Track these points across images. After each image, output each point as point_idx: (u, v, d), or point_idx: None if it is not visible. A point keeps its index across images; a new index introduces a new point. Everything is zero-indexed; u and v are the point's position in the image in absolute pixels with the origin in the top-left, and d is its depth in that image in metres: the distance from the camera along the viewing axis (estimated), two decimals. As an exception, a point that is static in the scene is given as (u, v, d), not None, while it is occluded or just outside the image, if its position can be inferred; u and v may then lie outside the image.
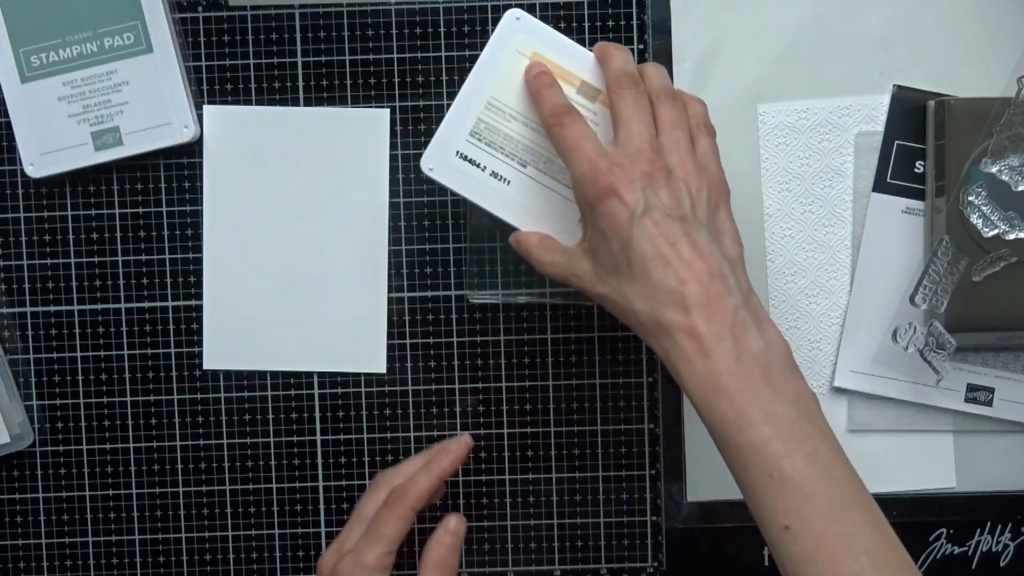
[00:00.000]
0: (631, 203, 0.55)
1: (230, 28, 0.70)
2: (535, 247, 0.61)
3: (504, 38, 0.62)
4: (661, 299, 0.54)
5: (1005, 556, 0.70)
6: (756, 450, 0.52)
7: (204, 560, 0.71)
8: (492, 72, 0.62)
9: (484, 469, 0.71)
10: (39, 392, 0.71)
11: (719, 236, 0.57)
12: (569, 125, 0.58)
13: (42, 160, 0.69)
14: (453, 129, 0.62)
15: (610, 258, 0.56)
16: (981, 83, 0.69)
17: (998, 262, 0.65)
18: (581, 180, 0.56)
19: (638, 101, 0.58)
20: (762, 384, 0.53)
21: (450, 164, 0.62)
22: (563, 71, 0.62)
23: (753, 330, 0.54)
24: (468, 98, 0.62)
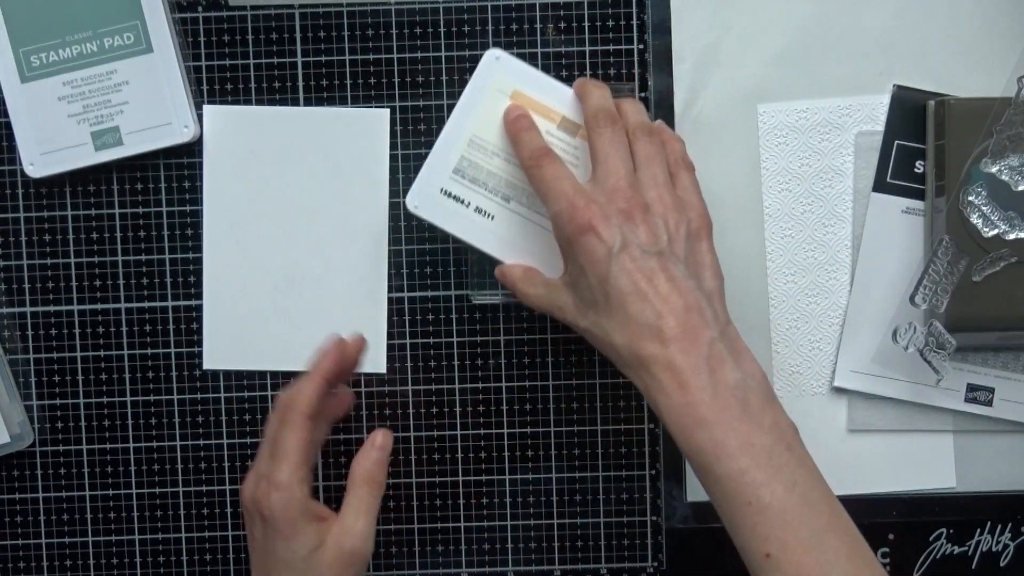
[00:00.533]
0: (608, 239, 0.56)
1: (230, 28, 0.70)
2: (519, 280, 0.62)
3: (485, 77, 0.63)
4: (639, 333, 0.55)
5: (1005, 556, 0.70)
6: (734, 479, 0.53)
7: (204, 560, 0.71)
8: (474, 111, 0.63)
9: (484, 469, 0.71)
10: (39, 392, 0.71)
11: (698, 270, 0.58)
12: (547, 166, 0.59)
13: (42, 160, 0.69)
14: (437, 167, 0.64)
15: (589, 293, 0.57)
16: (981, 83, 0.69)
17: (998, 262, 0.65)
18: (559, 217, 0.58)
19: (615, 138, 0.59)
20: (739, 415, 0.54)
21: (435, 201, 0.64)
22: (543, 107, 0.63)
23: (729, 362, 0.55)
24: (451, 136, 0.63)
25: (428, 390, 0.71)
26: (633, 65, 0.69)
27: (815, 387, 0.70)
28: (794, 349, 0.70)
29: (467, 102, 0.63)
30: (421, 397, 0.71)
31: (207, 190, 0.70)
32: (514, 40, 0.69)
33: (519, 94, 0.63)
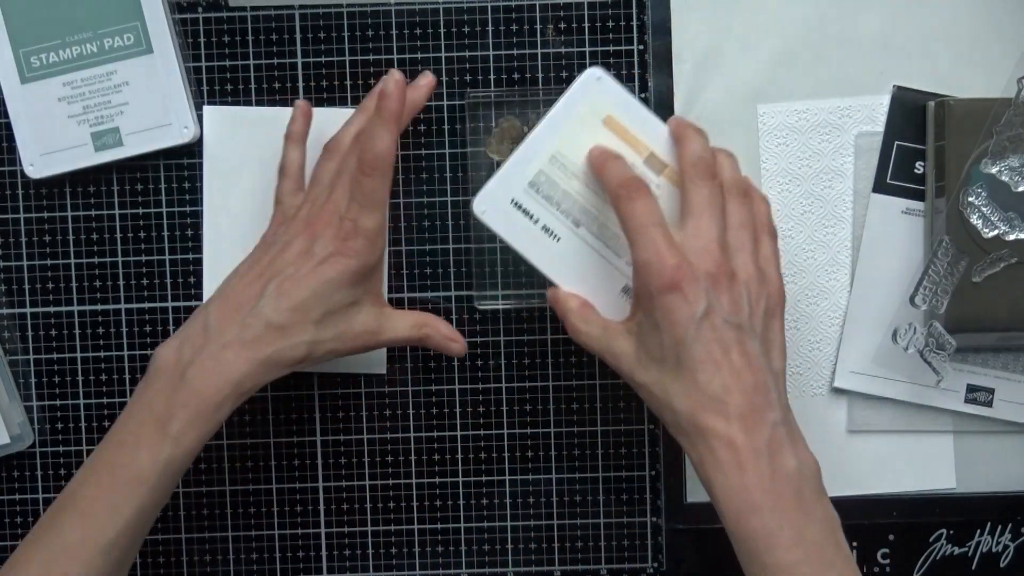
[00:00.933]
0: (694, 303, 0.54)
1: (230, 28, 0.70)
2: (573, 313, 0.60)
3: (581, 95, 0.61)
4: (704, 403, 0.54)
5: (1005, 557, 0.71)
6: (784, 571, 0.53)
7: (204, 560, 0.71)
8: (562, 127, 0.61)
9: (484, 470, 0.71)
10: (39, 392, 0.71)
11: (769, 347, 0.57)
12: (639, 201, 0.57)
13: (42, 161, 0.69)
14: (512, 176, 0.61)
15: (658, 350, 0.56)
16: (981, 83, 0.69)
17: (998, 263, 0.65)
18: (646, 267, 0.55)
19: (713, 195, 0.57)
20: (794, 505, 0.53)
21: (503, 210, 0.61)
22: (634, 139, 0.61)
23: (788, 448, 0.54)
24: (533, 148, 0.61)
25: (428, 391, 0.71)
26: (633, 66, 0.69)
27: (815, 387, 0.70)
28: (794, 350, 0.70)
29: (556, 117, 0.61)
30: (421, 398, 0.71)
31: (207, 190, 0.70)
32: (514, 40, 0.69)
33: (612, 120, 0.61)
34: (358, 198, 0.60)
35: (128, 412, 0.59)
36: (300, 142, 0.66)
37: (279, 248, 0.61)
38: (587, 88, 0.61)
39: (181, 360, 0.58)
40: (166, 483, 0.58)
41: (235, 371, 0.58)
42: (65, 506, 0.58)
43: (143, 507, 0.57)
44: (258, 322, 0.59)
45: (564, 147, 0.61)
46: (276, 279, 0.60)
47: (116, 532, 0.57)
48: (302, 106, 0.66)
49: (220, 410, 0.58)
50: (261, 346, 0.59)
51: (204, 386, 0.58)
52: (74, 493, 0.58)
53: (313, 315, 0.59)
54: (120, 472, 0.57)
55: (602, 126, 0.61)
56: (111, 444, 0.59)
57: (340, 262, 0.60)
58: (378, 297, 0.63)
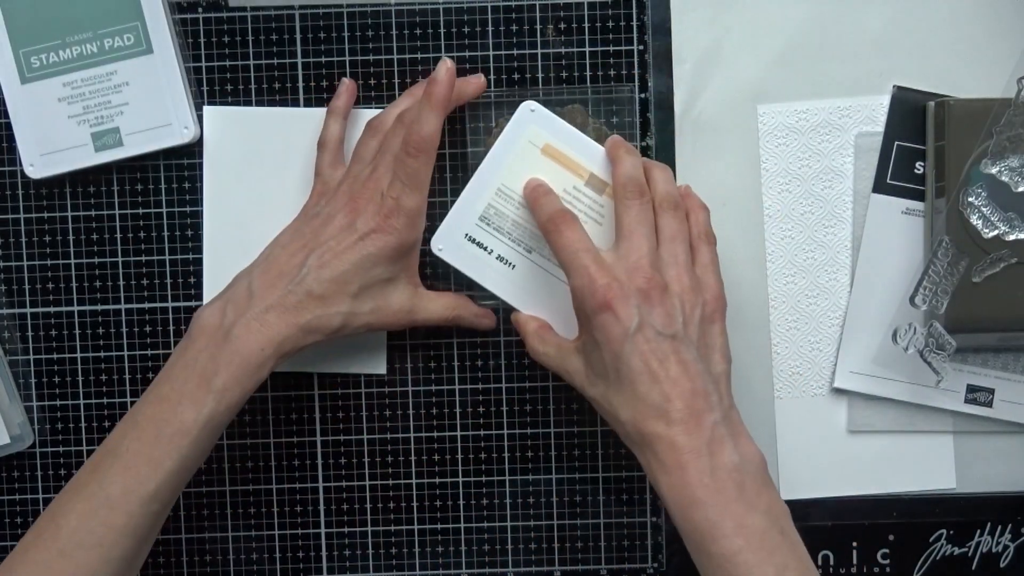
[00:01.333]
0: (625, 320, 0.57)
1: (230, 28, 0.70)
2: (531, 335, 0.64)
3: (518, 129, 0.64)
4: (645, 412, 0.57)
5: (1005, 557, 0.71)
6: (728, 559, 0.55)
7: (204, 560, 0.71)
8: (504, 161, 0.64)
9: (484, 470, 0.71)
10: (39, 392, 0.71)
11: (708, 352, 0.60)
12: (565, 231, 0.60)
13: (42, 161, 0.69)
14: (463, 213, 0.65)
15: (601, 366, 0.59)
16: (981, 83, 0.69)
17: (998, 263, 0.65)
18: (579, 291, 0.59)
19: (642, 212, 0.60)
20: (735, 496, 0.56)
21: (458, 245, 0.65)
22: (573, 163, 0.64)
23: (729, 445, 0.57)
24: (480, 184, 0.64)
25: (428, 391, 0.71)
26: (633, 66, 0.69)
27: (815, 388, 0.70)
28: (794, 350, 0.70)
29: (499, 152, 0.64)
30: (421, 398, 0.71)
31: (207, 190, 0.70)
32: (514, 40, 0.69)
33: (550, 147, 0.64)
34: (401, 177, 0.62)
35: (169, 369, 0.61)
36: (341, 116, 0.68)
37: (321, 220, 0.63)
38: (522, 121, 0.64)
39: (225, 321, 0.61)
40: (207, 437, 0.60)
41: (278, 333, 0.61)
42: (106, 459, 0.60)
43: (184, 460, 0.60)
44: (300, 290, 0.61)
45: (508, 179, 0.64)
46: (318, 251, 0.62)
47: (157, 485, 0.59)
48: (348, 83, 0.68)
49: (262, 369, 0.61)
50: (302, 312, 0.61)
51: (249, 344, 0.60)
52: (116, 447, 0.60)
53: (351, 288, 0.62)
54: (163, 426, 0.59)
55: (541, 155, 0.64)
56: (152, 399, 0.60)
57: (380, 239, 0.62)
58: (414, 276, 0.65)
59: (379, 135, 0.65)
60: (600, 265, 0.58)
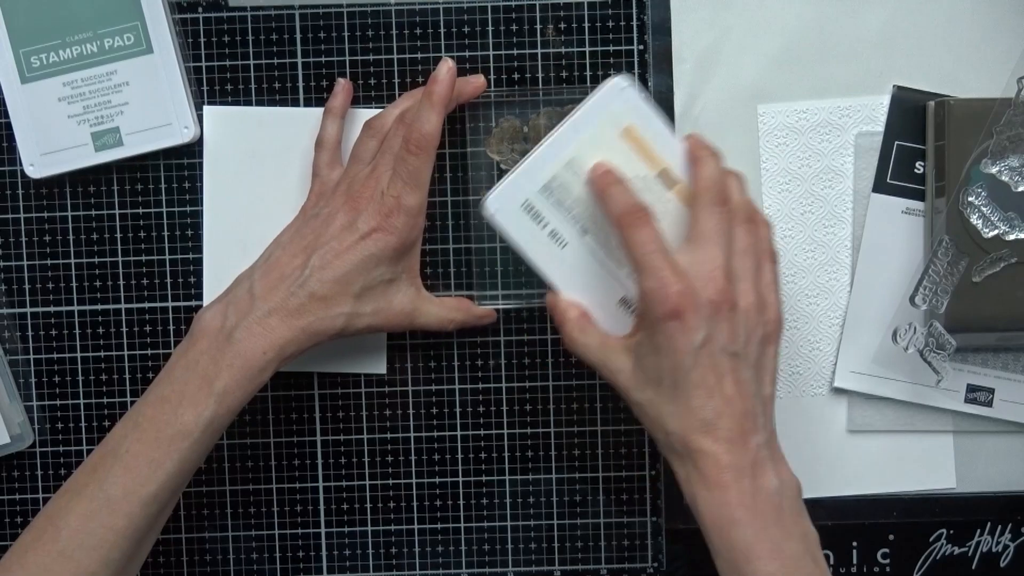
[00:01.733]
0: (693, 331, 0.56)
1: (230, 28, 0.70)
2: (571, 323, 0.61)
3: (604, 104, 0.60)
4: (695, 426, 0.56)
5: (1005, 557, 0.71)
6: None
7: (204, 560, 0.71)
8: (581, 134, 0.60)
9: (484, 469, 0.71)
10: (39, 392, 0.71)
11: (761, 374, 0.58)
12: (643, 229, 0.57)
13: (42, 160, 0.69)
14: (526, 179, 0.61)
15: (655, 373, 0.57)
16: (981, 83, 0.69)
17: (998, 262, 0.65)
18: (650, 294, 0.56)
19: (723, 221, 0.58)
20: (774, 520, 0.55)
21: (513, 212, 0.61)
22: (650, 153, 0.60)
23: (770, 469, 0.56)
24: (550, 153, 0.61)
25: (428, 390, 0.71)
26: (633, 66, 0.69)
27: (815, 387, 0.70)
28: (794, 349, 0.70)
29: (577, 123, 0.60)
30: (421, 397, 0.71)
31: (207, 190, 0.70)
32: (514, 40, 0.69)
33: (632, 131, 0.60)
34: (402, 175, 0.62)
35: (169, 371, 0.61)
36: (338, 117, 0.68)
37: (321, 221, 0.63)
38: (611, 97, 0.60)
39: (226, 324, 0.61)
40: (208, 440, 0.60)
41: (280, 336, 0.61)
42: (106, 460, 0.59)
43: (184, 462, 0.60)
44: (302, 292, 0.61)
45: (582, 153, 0.60)
46: (319, 251, 0.62)
47: (157, 486, 0.59)
48: (344, 83, 0.68)
49: (264, 372, 0.61)
50: (304, 314, 0.61)
51: (251, 348, 0.60)
52: (116, 448, 0.60)
53: (353, 289, 0.62)
54: (163, 428, 0.59)
55: (621, 137, 0.60)
56: (153, 400, 0.60)
57: (382, 238, 0.62)
58: (415, 277, 0.65)
59: (377, 135, 0.65)
60: (675, 270, 0.56)
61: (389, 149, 0.64)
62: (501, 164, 0.69)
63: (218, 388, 0.60)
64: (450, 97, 0.63)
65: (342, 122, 0.68)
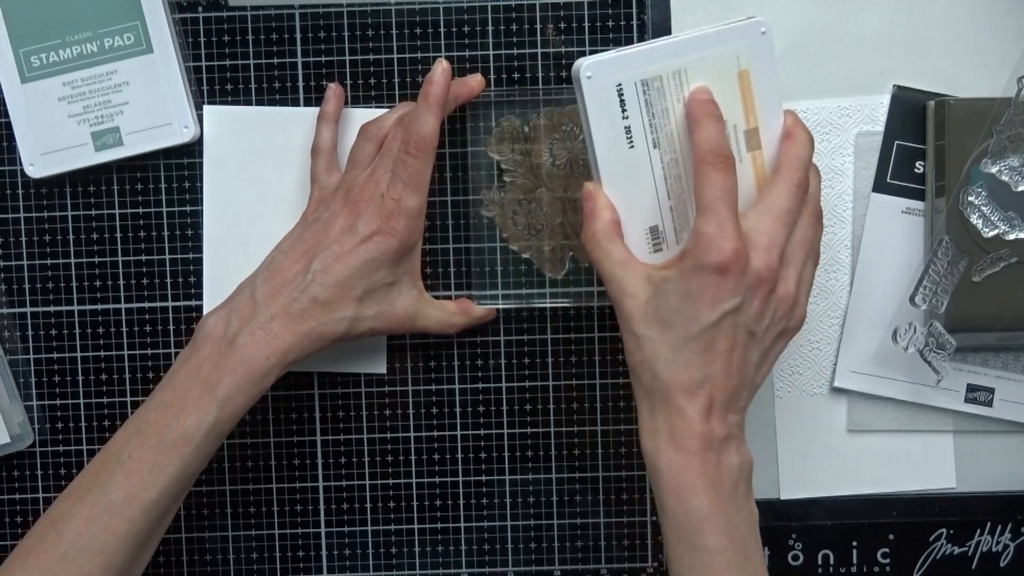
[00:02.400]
0: (731, 294, 0.55)
1: (230, 28, 0.70)
2: (602, 223, 0.58)
3: (737, 35, 0.58)
4: (685, 383, 0.56)
5: (1005, 556, 0.71)
6: (712, 555, 0.56)
7: (204, 560, 0.71)
8: (702, 51, 0.58)
9: (484, 469, 0.71)
10: (39, 392, 0.71)
11: (763, 363, 0.58)
12: (724, 174, 0.56)
13: (42, 160, 0.69)
14: (632, 64, 0.57)
15: (672, 314, 0.56)
16: (981, 83, 0.69)
17: (998, 262, 0.65)
18: (706, 238, 0.55)
19: (796, 205, 0.57)
20: (729, 495, 0.56)
21: (604, 87, 0.57)
22: (752, 107, 0.59)
23: (735, 446, 0.57)
24: (665, 52, 0.58)
25: (428, 390, 0.71)
26: (633, 65, 0.69)
27: (815, 387, 0.70)
28: (794, 349, 0.70)
29: (703, 40, 0.58)
30: (421, 397, 0.71)
31: (207, 190, 0.70)
32: (514, 40, 0.69)
33: (747, 76, 0.58)
34: (402, 177, 0.62)
35: (172, 376, 0.61)
36: (332, 122, 0.68)
37: (322, 225, 0.63)
38: (747, 32, 0.58)
39: (229, 329, 0.61)
40: (210, 445, 0.60)
41: (283, 342, 0.61)
42: (108, 464, 0.60)
43: (186, 467, 0.60)
44: (305, 297, 0.62)
45: (692, 69, 0.58)
46: (320, 256, 0.62)
47: (159, 491, 0.59)
48: (335, 88, 0.68)
49: (267, 378, 0.61)
50: (307, 319, 0.61)
51: (253, 354, 0.60)
52: (119, 452, 0.60)
53: (355, 292, 0.62)
54: (166, 433, 0.60)
55: (735, 75, 0.59)
56: (156, 405, 0.61)
57: (383, 241, 0.62)
58: (417, 280, 0.65)
59: (373, 139, 0.66)
60: (737, 227, 0.55)
61: (388, 152, 0.64)
62: (501, 164, 0.69)
63: (220, 394, 0.60)
64: (446, 97, 0.63)
65: (336, 127, 0.68)
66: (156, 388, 0.61)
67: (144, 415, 0.61)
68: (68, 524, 0.59)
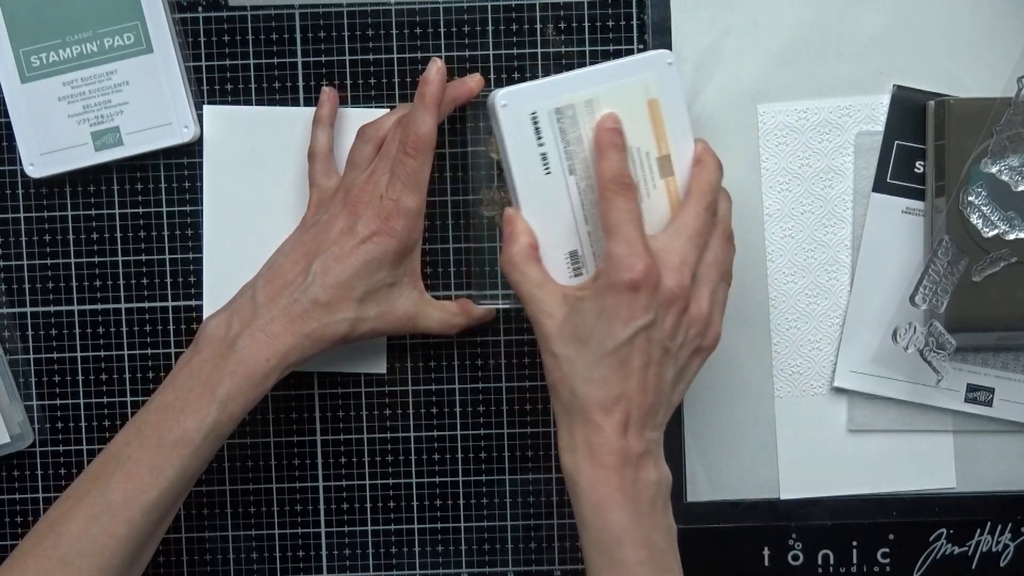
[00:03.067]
0: (643, 311, 0.56)
1: (230, 28, 0.70)
2: (520, 246, 0.60)
3: (642, 67, 0.61)
4: (602, 400, 0.57)
5: (1005, 556, 0.71)
6: (629, 567, 0.56)
7: (204, 560, 0.71)
8: (611, 81, 0.60)
9: (484, 469, 0.71)
10: (39, 392, 0.71)
11: (679, 380, 0.60)
12: (625, 199, 0.58)
13: (42, 160, 0.69)
14: (545, 93, 0.60)
15: (588, 333, 0.57)
16: (981, 83, 0.69)
17: (998, 262, 0.65)
18: (616, 258, 0.56)
19: (706, 227, 0.59)
20: (647, 511, 0.57)
21: (519, 116, 0.60)
22: (663, 134, 0.61)
23: (652, 462, 0.58)
24: (576, 83, 0.60)
25: (428, 390, 0.71)
26: (633, 65, 0.69)
27: (815, 387, 0.70)
28: (794, 349, 0.70)
29: (612, 71, 0.60)
30: (421, 397, 0.71)
31: (207, 190, 0.70)
32: (514, 40, 0.69)
33: (655, 105, 0.61)
34: (400, 177, 0.62)
35: (173, 378, 0.61)
36: (327, 125, 0.68)
37: (321, 227, 0.63)
38: (653, 63, 0.61)
39: (230, 332, 0.61)
40: (209, 447, 0.61)
41: (283, 343, 0.61)
42: (108, 466, 0.60)
43: (186, 469, 0.60)
44: (305, 298, 0.62)
45: (603, 99, 0.60)
46: (320, 257, 0.62)
47: (159, 493, 0.59)
48: (329, 92, 0.68)
49: (267, 380, 0.61)
50: (307, 321, 0.62)
51: (254, 355, 0.61)
52: (118, 454, 0.60)
53: (356, 293, 0.62)
54: (165, 434, 0.60)
55: (644, 104, 0.61)
56: (156, 407, 0.61)
57: (382, 242, 0.62)
58: (417, 280, 0.65)
59: (371, 141, 0.66)
60: (647, 246, 0.57)
61: (387, 153, 0.64)
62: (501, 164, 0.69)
63: (220, 395, 0.60)
64: (442, 96, 0.63)
65: (332, 130, 0.68)
66: (157, 390, 0.62)
67: (144, 417, 0.61)
68: (67, 525, 0.59)
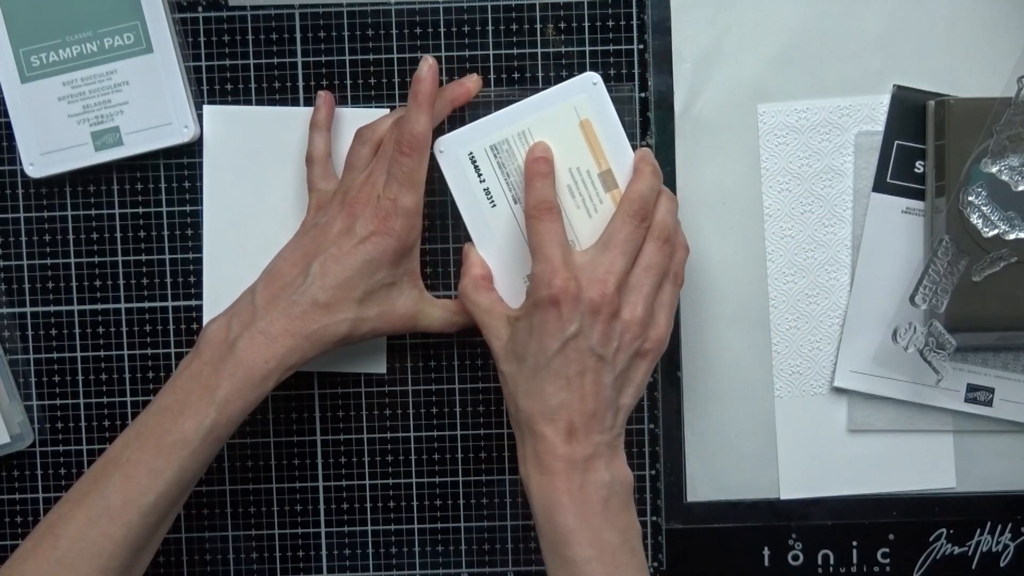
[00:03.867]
0: (566, 323, 0.59)
1: (230, 28, 0.70)
2: (470, 278, 0.64)
3: (571, 92, 0.64)
4: (542, 411, 0.59)
5: (1005, 556, 0.71)
6: (578, 565, 0.58)
7: (204, 560, 0.71)
8: (542, 111, 0.64)
9: (484, 469, 0.71)
10: (39, 392, 0.71)
11: (625, 384, 0.61)
12: (547, 222, 0.61)
13: (42, 160, 0.69)
14: (479, 133, 0.64)
15: (523, 349, 0.60)
16: (981, 83, 0.69)
17: (998, 262, 0.65)
18: (537, 277, 0.60)
19: (634, 235, 0.61)
20: (598, 511, 0.59)
21: (458, 159, 0.65)
22: (600, 151, 0.64)
23: (603, 463, 0.59)
24: (508, 118, 0.64)
25: (428, 390, 0.71)
26: (633, 65, 0.69)
27: (815, 387, 0.70)
28: (794, 349, 0.70)
29: (541, 100, 0.64)
30: (421, 397, 0.71)
31: (207, 190, 0.70)
32: (514, 40, 0.69)
33: (588, 125, 0.64)
34: (397, 177, 0.63)
35: (173, 381, 0.62)
36: (325, 129, 0.68)
37: (320, 229, 0.64)
38: (580, 87, 0.64)
39: (230, 334, 0.61)
40: (208, 449, 0.61)
41: (282, 345, 0.61)
42: (107, 468, 0.60)
43: (184, 471, 0.60)
44: (304, 299, 0.62)
45: (535, 128, 0.64)
46: (319, 258, 0.62)
47: (157, 495, 0.59)
48: (324, 95, 0.68)
49: (266, 382, 0.61)
50: (307, 322, 0.62)
51: (252, 357, 0.61)
52: (117, 456, 0.60)
53: (355, 293, 0.62)
54: (164, 436, 0.60)
55: (577, 127, 0.64)
56: (155, 410, 0.61)
57: (381, 242, 0.62)
58: (417, 279, 0.66)
59: (368, 143, 0.66)
60: (567, 263, 0.60)
61: (384, 154, 0.64)
62: None
63: (219, 397, 0.60)
64: (435, 94, 0.64)
65: (328, 134, 0.68)
66: (158, 394, 0.62)
67: (144, 420, 0.61)
68: (65, 528, 0.59)
